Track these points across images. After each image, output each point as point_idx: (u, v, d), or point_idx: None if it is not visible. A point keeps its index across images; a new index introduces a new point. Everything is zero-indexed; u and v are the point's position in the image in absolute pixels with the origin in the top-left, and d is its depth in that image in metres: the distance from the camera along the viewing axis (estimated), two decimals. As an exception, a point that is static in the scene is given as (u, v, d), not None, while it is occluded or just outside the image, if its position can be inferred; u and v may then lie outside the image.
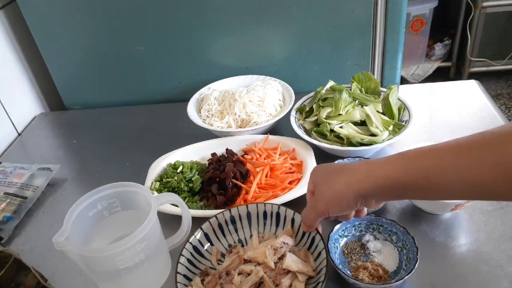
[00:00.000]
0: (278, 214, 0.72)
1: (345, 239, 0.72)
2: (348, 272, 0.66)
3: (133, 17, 1.12)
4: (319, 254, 0.65)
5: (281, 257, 0.65)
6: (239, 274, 0.64)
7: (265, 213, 0.73)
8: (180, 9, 1.09)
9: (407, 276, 0.61)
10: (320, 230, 0.66)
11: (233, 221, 0.73)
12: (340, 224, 0.71)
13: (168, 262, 0.73)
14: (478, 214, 0.75)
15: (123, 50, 1.17)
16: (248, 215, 0.73)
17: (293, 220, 0.71)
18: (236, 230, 0.73)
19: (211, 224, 0.71)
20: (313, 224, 0.63)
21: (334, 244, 0.69)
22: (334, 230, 0.70)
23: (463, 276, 0.65)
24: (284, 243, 0.66)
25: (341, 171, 0.57)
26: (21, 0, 1.11)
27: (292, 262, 0.63)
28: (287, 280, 0.62)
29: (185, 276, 0.64)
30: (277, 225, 0.73)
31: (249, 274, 0.63)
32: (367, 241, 0.71)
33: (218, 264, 0.69)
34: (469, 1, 2.33)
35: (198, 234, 0.70)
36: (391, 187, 0.52)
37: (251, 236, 0.73)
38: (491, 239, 0.70)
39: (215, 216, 0.72)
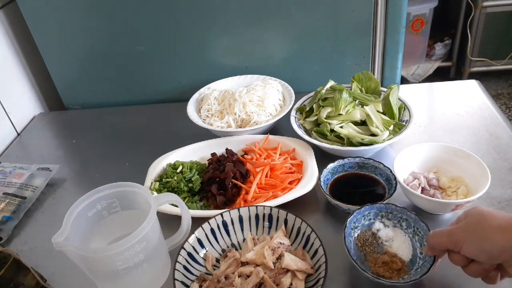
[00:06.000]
0: (270, 216, 0.72)
1: (357, 231, 0.71)
2: (369, 271, 0.64)
3: (133, 17, 1.11)
4: (316, 251, 0.65)
5: (279, 257, 0.65)
6: (238, 276, 0.64)
7: (257, 216, 0.73)
8: (180, 9, 1.09)
9: (431, 268, 0.60)
10: (438, 261, 0.61)
11: (225, 225, 0.73)
12: (351, 216, 0.69)
13: (168, 262, 0.73)
14: (478, 214, 0.75)
15: (123, 50, 1.17)
16: (240, 218, 0.73)
17: (286, 221, 0.71)
18: (228, 235, 0.73)
19: (203, 230, 0.71)
20: (436, 247, 0.59)
21: (348, 238, 0.67)
22: (347, 224, 0.68)
23: (464, 276, 0.65)
24: (280, 243, 0.66)
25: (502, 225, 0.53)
26: (21, 0, 1.11)
27: (291, 261, 0.63)
28: (287, 279, 0.63)
29: (182, 282, 0.64)
30: (269, 227, 0.73)
31: (248, 276, 0.63)
32: (378, 230, 0.70)
33: (214, 269, 0.69)
34: (469, 1, 2.33)
35: (192, 240, 0.69)
36: None
37: (243, 240, 0.73)
38: (492, 239, 0.70)
39: (207, 221, 0.71)
